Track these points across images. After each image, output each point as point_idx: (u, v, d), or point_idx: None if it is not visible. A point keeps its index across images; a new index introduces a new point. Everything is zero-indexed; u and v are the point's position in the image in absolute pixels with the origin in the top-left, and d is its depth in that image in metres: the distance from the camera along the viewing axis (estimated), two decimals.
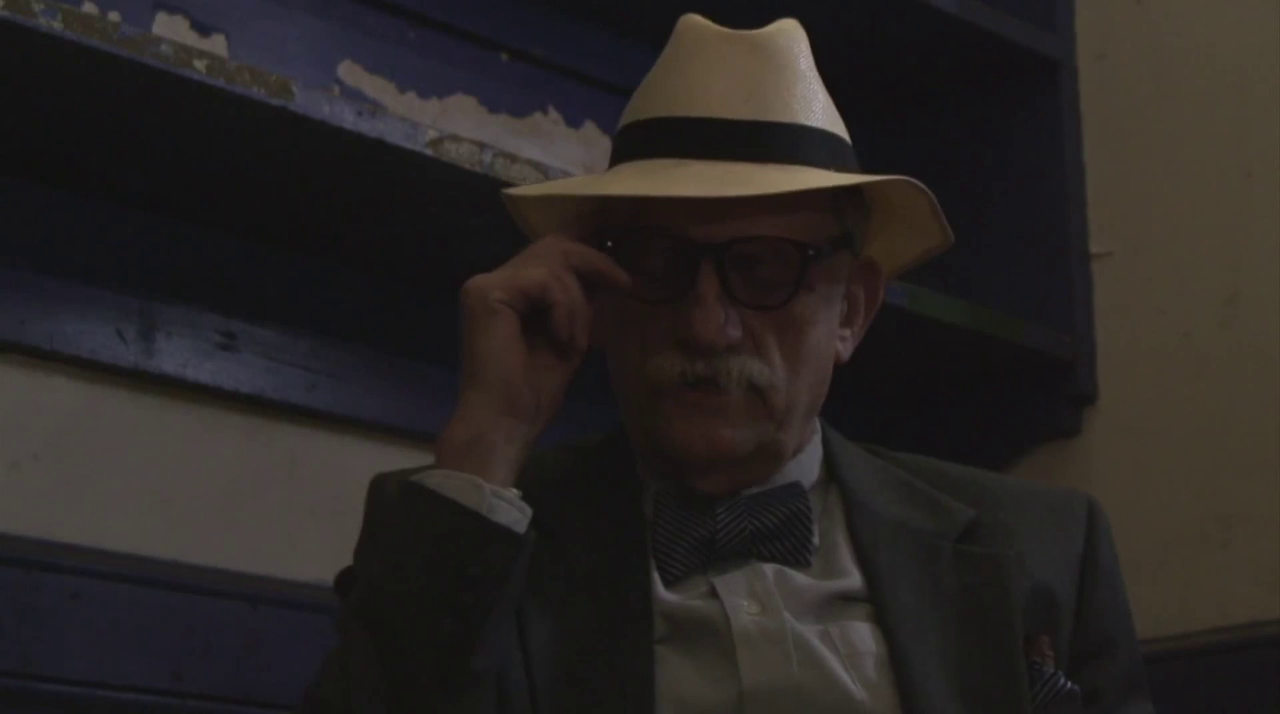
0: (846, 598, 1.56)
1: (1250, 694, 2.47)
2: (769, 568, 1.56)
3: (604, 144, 2.59)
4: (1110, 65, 2.82)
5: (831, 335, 1.60)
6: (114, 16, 2.02)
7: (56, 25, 1.83)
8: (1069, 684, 1.56)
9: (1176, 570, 2.59)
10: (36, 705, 2.00)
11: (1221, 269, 2.66)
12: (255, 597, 2.14)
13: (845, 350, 1.63)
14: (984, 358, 2.71)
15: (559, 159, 2.52)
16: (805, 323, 1.56)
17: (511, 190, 1.64)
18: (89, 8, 2.13)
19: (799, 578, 1.56)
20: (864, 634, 1.54)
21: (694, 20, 1.61)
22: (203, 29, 2.26)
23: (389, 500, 1.58)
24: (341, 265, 2.30)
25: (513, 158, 2.14)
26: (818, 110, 1.58)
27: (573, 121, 2.61)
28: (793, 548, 1.57)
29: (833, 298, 1.60)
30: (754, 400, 1.55)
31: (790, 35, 1.60)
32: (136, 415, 2.16)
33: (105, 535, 2.09)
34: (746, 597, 1.54)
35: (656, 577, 1.55)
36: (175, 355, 2.17)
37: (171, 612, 2.09)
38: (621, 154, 1.60)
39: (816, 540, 1.59)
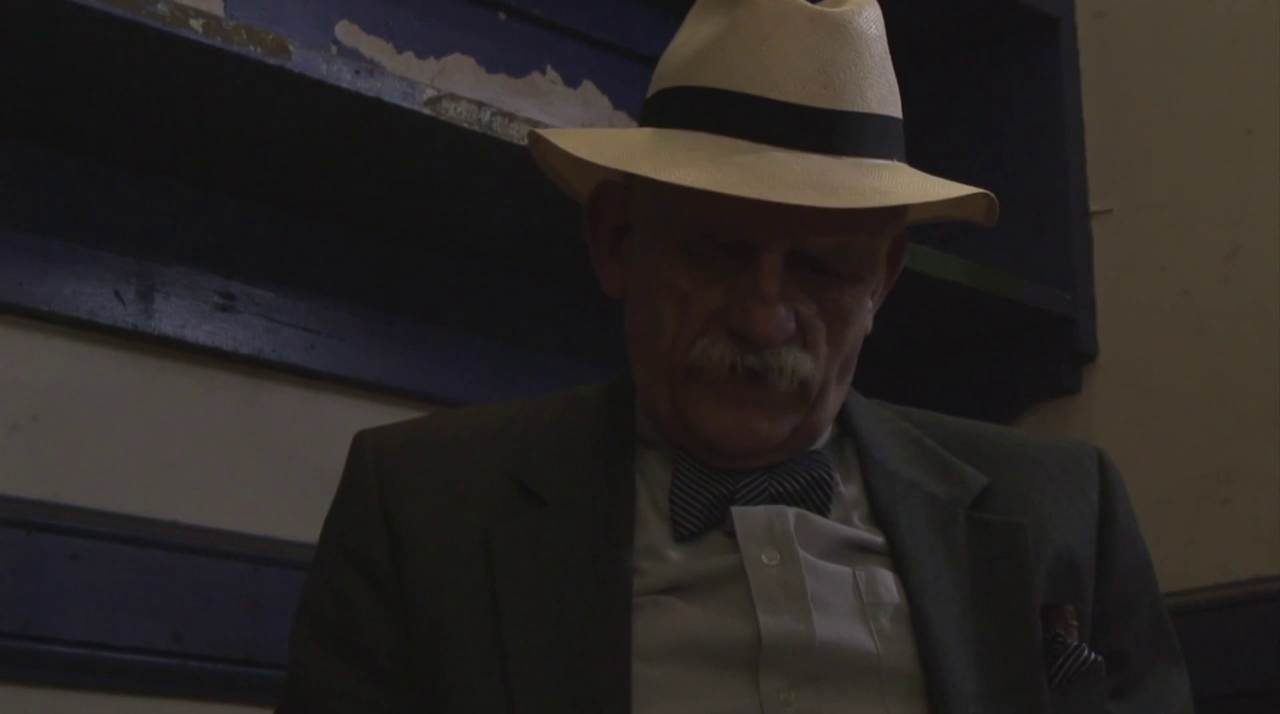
0: (867, 549, 1.55)
1: (1251, 650, 2.47)
2: (791, 511, 1.54)
3: (602, 103, 2.58)
4: (1109, 22, 2.81)
5: (868, 313, 1.59)
6: None
7: None
8: (1093, 656, 1.55)
9: (1177, 527, 2.59)
10: (37, 666, 2.00)
11: (1221, 226, 2.65)
12: (255, 557, 2.14)
13: (870, 322, 1.61)
14: (984, 316, 2.70)
15: (557, 118, 2.51)
16: (853, 313, 1.54)
17: (557, 141, 1.55)
18: None
19: (821, 521, 1.55)
20: (888, 583, 1.53)
21: None
22: None
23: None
24: (340, 225, 2.30)
25: (511, 117, 2.13)
26: (887, 94, 1.54)
27: (571, 81, 2.60)
28: (815, 506, 1.56)
29: (875, 280, 1.58)
30: (796, 393, 1.53)
31: (870, 17, 1.54)
32: (135, 377, 2.15)
33: (105, 496, 2.09)
34: (765, 543, 1.52)
35: (670, 531, 1.54)
36: (174, 316, 2.17)
37: (171, 572, 2.09)
38: (672, 117, 1.52)
39: (840, 491, 1.58)
